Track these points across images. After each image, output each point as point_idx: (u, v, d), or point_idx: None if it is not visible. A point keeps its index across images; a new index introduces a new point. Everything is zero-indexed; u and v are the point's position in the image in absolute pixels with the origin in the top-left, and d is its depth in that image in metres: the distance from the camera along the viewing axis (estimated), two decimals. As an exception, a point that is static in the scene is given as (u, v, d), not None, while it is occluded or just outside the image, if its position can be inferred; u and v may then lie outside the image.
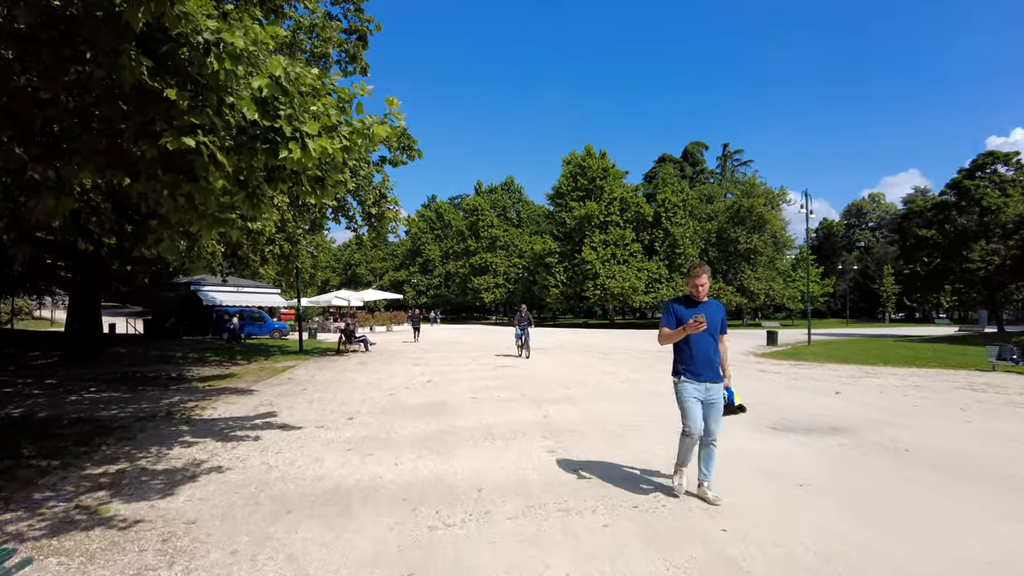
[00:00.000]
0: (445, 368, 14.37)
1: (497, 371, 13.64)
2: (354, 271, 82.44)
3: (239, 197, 5.37)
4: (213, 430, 7.01)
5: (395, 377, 12.51)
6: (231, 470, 5.20)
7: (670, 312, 4.36)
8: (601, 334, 37.52)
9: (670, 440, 6.03)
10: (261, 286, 32.11)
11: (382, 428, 6.99)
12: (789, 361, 17.46)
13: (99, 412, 8.28)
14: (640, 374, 12.99)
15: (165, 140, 4.30)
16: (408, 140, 16.00)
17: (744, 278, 52.97)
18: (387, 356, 18.64)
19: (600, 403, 8.77)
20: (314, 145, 4.61)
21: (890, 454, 5.65)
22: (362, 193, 15.18)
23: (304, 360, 17.31)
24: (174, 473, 5.10)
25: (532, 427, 6.97)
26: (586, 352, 20.00)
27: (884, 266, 66.90)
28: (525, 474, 4.99)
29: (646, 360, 17.04)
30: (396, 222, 16.41)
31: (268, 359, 17.70)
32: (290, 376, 13.03)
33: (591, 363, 15.86)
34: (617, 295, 49.16)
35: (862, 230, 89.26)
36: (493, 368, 14.38)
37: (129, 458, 5.63)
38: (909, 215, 34.12)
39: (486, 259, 63.98)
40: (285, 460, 5.52)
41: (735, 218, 52.80)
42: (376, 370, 14.19)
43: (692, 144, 72.41)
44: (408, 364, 15.69)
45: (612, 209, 51.11)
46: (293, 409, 8.51)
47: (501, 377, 12.30)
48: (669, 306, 4.41)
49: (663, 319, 4.42)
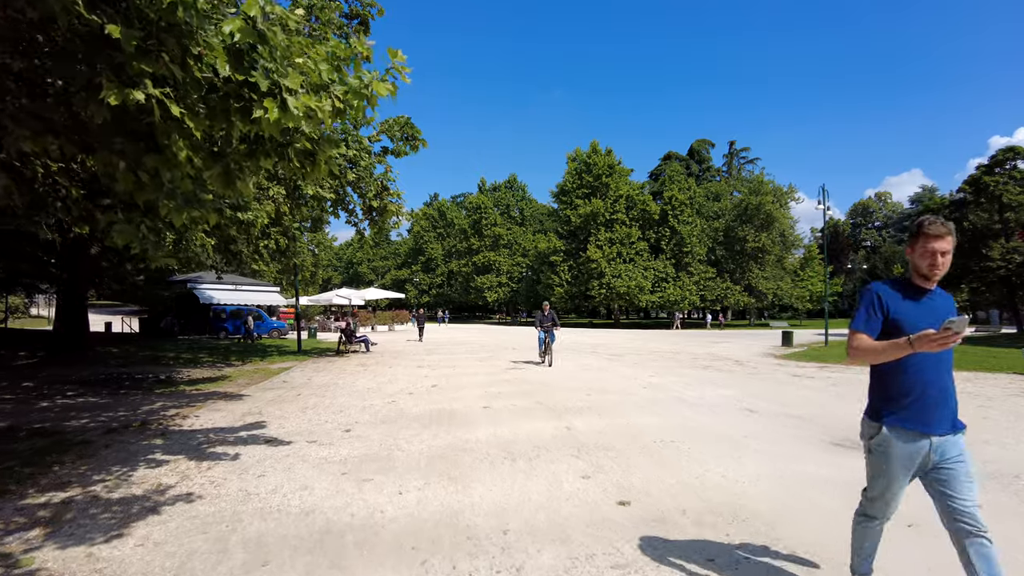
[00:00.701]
0: (451, 371, 13.44)
1: (507, 374, 12.72)
2: (356, 270, 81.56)
3: (213, 172, 4.44)
4: (190, 445, 6.11)
5: (397, 381, 11.60)
6: (201, 499, 4.29)
7: (872, 305, 2.46)
8: (607, 334, 36.59)
9: (724, 463, 5.14)
10: (260, 284, 31.24)
11: (383, 443, 6.08)
12: (813, 363, 16.51)
13: (66, 421, 7.39)
14: (661, 378, 12.06)
15: (107, 93, 3.36)
16: (412, 129, 15.10)
17: (752, 277, 51.94)
18: (389, 357, 17.74)
19: (627, 413, 7.85)
20: (296, 103, 3.69)
21: (999, 482, 4.72)
22: (363, 185, 14.28)
23: (302, 361, 16.41)
24: (131, 503, 4.20)
25: (556, 442, 6.05)
26: (596, 353, 19.07)
27: (893, 265, 65.80)
28: (559, 506, 4.08)
29: (661, 362, 16.10)
30: (399, 216, 15.50)
31: (264, 360, 16.81)
32: (285, 379, 12.12)
33: (604, 365, 14.93)
34: (623, 294, 48.15)
35: (868, 229, 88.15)
36: (503, 371, 13.45)
37: (83, 482, 4.73)
38: (924, 213, 33.15)
39: (489, 258, 63.03)
40: (267, 486, 4.62)
41: (743, 216, 51.76)
42: (377, 373, 13.28)
43: (698, 142, 71.34)
44: (411, 366, 14.78)
45: (618, 207, 50.13)
46: (284, 419, 7.60)
47: (512, 381, 11.38)
48: (872, 295, 2.48)
49: (856, 317, 2.49)
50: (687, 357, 18.00)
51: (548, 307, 14.85)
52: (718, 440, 6.19)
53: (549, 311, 14.56)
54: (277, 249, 13.78)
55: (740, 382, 11.50)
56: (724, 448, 5.82)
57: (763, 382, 11.60)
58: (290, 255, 15.36)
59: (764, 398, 9.29)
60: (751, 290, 52.53)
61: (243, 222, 9.94)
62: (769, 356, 19.43)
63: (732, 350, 22.07)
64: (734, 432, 6.62)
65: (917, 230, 2.43)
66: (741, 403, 8.73)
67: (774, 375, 13.12)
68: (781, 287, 53.05)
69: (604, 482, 4.65)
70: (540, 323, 14.51)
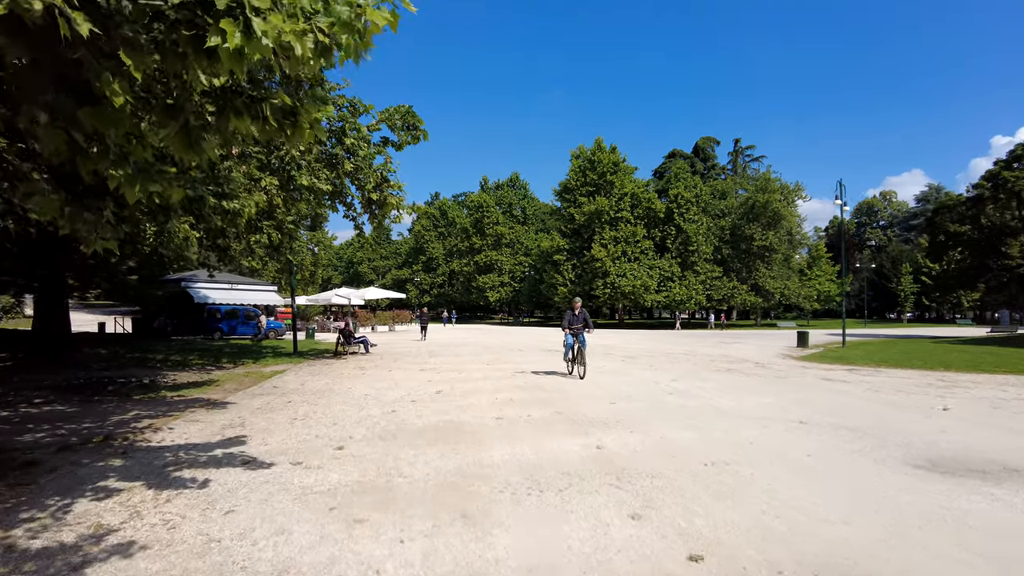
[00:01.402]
0: (456, 375, 12.46)
1: (518, 379, 11.75)
2: (356, 269, 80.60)
3: (169, 132, 3.46)
4: (153, 467, 5.15)
5: (398, 387, 10.63)
6: (145, 551, 3.33)
7: None
8: (614, 334, 35.63)
9: (799, 494, 4.11)
10: (257, 283, 30.31)
11: (381, 466, 5.11)
12: (839, 365, 15.54)
13: (20, 436, 6.43)
14: (684, 383, 11.09)
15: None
16: (413, 118, 14.11)
17: (759, 276, 50.92)
18: (389, 360, 16.77)
19: (661, 426, 6.88)
20: (265, 26, 2.71)
21: None
22: (361, 176, 13.33)
23: (296, 364, 15.45)
24: (51, 559, 3.23)
25: (588, 466, 5.08)
26: (610, 355, 18.10)
27: (900, 264, 64.80)
28: (611, 563, 3.11)
29: (680, 364, 15.13)
30: (399, 210, 14.54)
31: (257, 362, 15.86)
32: (276, 384, 11.16)
33: (622, 368, 13.96)
34: (628, 294, 47.17)
35: (873, 228, 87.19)
36: (512, 375, 12.46)
37: (4, 521, 3.77)
38: (940, 209, 32.08)
39: (491, 257, 62.05)
40: (235, 528, 3.65)
41: (749, 214, 50.74)
42: (377, 377, 12.31)
43: (703, 139, 70.38)
44: (414, 370, 13.81)
45: (623, 205, 49.16)
46: (269, 432, 6.64)
47: (525, 387, 10.41)
48: None
49: None
50: (702, 359, 17.04)
51: (579, 304, 11.98)
52: (778, 461, 5.22)
53: (580, 310, 11.83)
54: (270, 245, 12.78)
55: (772, 388, 10.54)
56: (790, 473, 4.85)
57: (797, 387, 10.63)
58: (284, 251, 14.37)
59: (808, 406, 8.31)
60: (758, 289, 51.52)
61: (228, 212, 8.97)
62: (787, 357, 18.47)
63: (746, 351, 21.10)
64: (793, 450, 5.65)
65: None
66: (786, 413, 7.75)
67: (803, 379, 12.15)
68: (788, 286, 52.06)
69: (661, 525, 3.68)
70: (569, 324, 11.75)
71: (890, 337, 32.02)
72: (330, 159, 13.05)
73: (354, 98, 13.96)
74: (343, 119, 13.00)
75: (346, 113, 13.01)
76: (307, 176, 12.16)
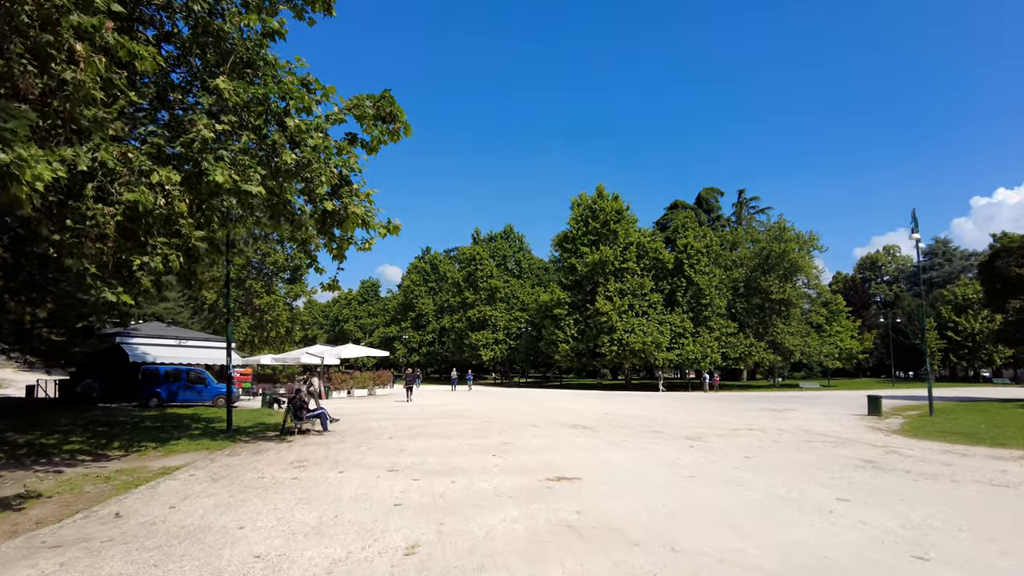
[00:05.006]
0: (449, 486, 7.66)
1: (547, 488, 7.14)
2: (342, 327, 75.60)
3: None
4: None
5: (339, 520, 5.94)
6: None
7: None
8: (632, 399, 30.79)
9: None
10: (208, 338, 25.60)
11: None
12: (972, 447, 11.02)
13: None
14: (785, 487, 6.55)
15: None
16: (391, 106, 10.08)
17: (776, 333, 46.57)
18: (352, 443, 11.98)
19: None
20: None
21: None
22: (309, 174, 9.18)
23: (213, 451, 10.71)
24: None
25: None
26: (658, 433, 13.45)
27: (916, 320, 60.96)
28: None
29: (742, 443, 10.54)
30: (368, 228, 10.34)
31: (164, 445, 11.10)
32: (120, 510, 6.37)
33: (678, 459, 9.37)
34: (638, 351, 42.48)
35: (879, 283, 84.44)
36: (545, 486, 7.70)
37: None
38: (1000, 253, 28.50)
39: (485, 312, 57.54)
40: None
41: (764, 265, 47.09)
42: (313, 486, 7.61)
43: (706, 190, 68.16)
44: (380, 467, 9.07)
45: (628, 255, 45.42)
46: None
47: (561, 509, 5.82)
48: None
49: None
50: (768, 435, 12.45)
51: None
52: None
53: None
54: (166, 271, 8.26)
55: (941, 503, 6.04)
56: None
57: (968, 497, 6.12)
58: (198, 284, 9.94)
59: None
60: (776, 347, 47.02)
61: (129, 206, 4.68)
62: (876, 431, 13.94)
63: (811, 421, 16.52)
64: None
65: None
66: None
67: (954, 476, 7.66)
68: (808, 343, 47.77)
69: None
70: None
71: (964, 399, 27.63)
72: (269, 150, 8.94)
73: (307, 75, 10.06)
74: (286, 94, 8.99)
75: (291, 85, 9.02)
76: (224, 170, 7.93)
